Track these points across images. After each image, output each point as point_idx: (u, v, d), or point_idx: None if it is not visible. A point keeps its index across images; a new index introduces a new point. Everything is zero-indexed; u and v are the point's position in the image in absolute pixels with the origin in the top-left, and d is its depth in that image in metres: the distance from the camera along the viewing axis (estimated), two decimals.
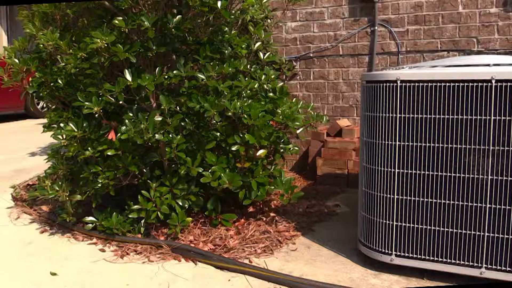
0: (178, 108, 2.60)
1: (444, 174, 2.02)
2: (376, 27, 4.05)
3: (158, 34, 2.48)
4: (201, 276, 2.27)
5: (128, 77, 2.28)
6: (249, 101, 2.68)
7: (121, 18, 2.28)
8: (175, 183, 2.65)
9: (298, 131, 3.04)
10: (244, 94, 2.72)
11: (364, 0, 4.06)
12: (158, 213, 2.59)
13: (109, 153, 2.44)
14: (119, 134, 2.34)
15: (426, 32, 3.91)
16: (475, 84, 1.93)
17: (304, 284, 2.10)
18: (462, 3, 3.78)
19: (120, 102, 2.39)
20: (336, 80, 4.26)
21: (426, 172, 2.05)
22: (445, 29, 3.85)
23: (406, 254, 2.14)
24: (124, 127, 2.31)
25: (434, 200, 2.05)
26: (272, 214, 3.02)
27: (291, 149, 3.08)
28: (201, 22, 2.62)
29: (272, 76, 3.15)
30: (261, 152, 2.69)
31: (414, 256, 2.12)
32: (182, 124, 2.54)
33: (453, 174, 2.00)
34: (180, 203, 2.66)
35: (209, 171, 2.57)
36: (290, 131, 3.03)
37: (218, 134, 2.66)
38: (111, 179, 2.50)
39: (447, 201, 2.02)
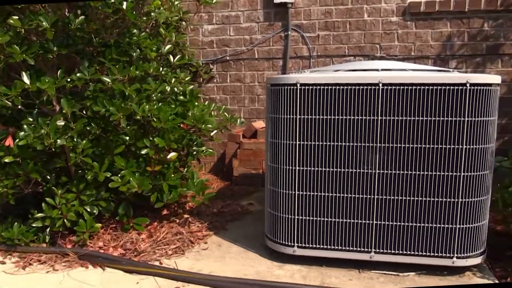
0: (84, 112, 2.55)
1: (338, 170, 2.17)
2: (289, 32, 4.22)
3: (61, 35, 2.43)
4: (109, 281, 2.25)
5: (26, 80, 2.21)
6: (159, 104, 2.69)
7: (17, 17, 2.21)
8: (83, 189, 2.60)
9: (212, 134, 3.10)
10: (155, 97, 2.73)
11: (278, 5, 4.21)
12: (65, 220, 2.52)
13: (6, 160, 2.34)
14: (17, 140, 2.25)
15: (335, 37, 4.14)
16: (365, 87, 2.10)
17: (211, 280, 2.15)
18: (367, 11, 4.04)
19: (19, 107, 2.30)
20: (252, 83, 4.37)
21: (324, 169, 2.19)
22: (352, 36, 4.09)
23: (307, 245, 2.28)
24: (22, 133, 2.23)
25: (330, 194, 2.19)
26: (186, 216, 3.05)
27: (205, 151, 3.13)
28: (108, 24, 2.60)
29: (186, 79, 3.19)
30: (172, 155, 2.71)
31: (314, 246, 2.26)
32: (88, 128, 2.50)
33: (346, 170, 2.16)
34: (89, 210, 2.61)
35: (119, 175, 2.55)
36: (204, 134, 3.08)
37: (127, 138, 2.65)
38: (10, 187, 2.40)
39: (342, 194, 2.18)
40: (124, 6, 2.39)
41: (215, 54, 4.44)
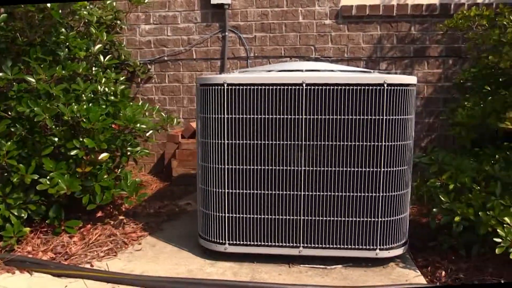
0: (9, 112, 2.47)
1: (266, 167, 2.23)
2: (226, 33, 4.25)
3: None
4: (37, 286, 2.19)
5: None
6: (89, 104, 2.65)
7: None
8: (9, 193, 2.51)
9: (147, 134, 3.08)
10: (85, 98, 2.68)
11: (215, 6, 4.24)
12: None
13: None
14: None
15: (271, 39, 4.22)
16: (290, 87, 2.17)
17: (141, 280, 2.15)
18: (302, 14, 4.16)
19: None
20: (191, 84, 4.38)
21: (252, 167, 2.24)
22: (288, 37, 4.19)
23: (238, 242, 2.32)
24: None
25: (259, 192, 2.25)
26: (121, 217, 3.01)
27: (140, 151, 3.10)
28: (34, 22, 2.52)
29: (121, 79, 3.15)
30: (103, 155, 2.67)
31: (245, 243, 2.31)
32: (12, 129, 2.42)
33: (273, 167, 2.22)
34: (16, 213, 2.53)
35: (47, 177, 2.48)
36: (140, 134, 3.06)
37: (56, 139, 2.58)
38: None
39: (270, 192, 2.24)
40: (49, 5, 2.34)
41: (153, 54, 4.40)
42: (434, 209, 2.34)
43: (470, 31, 2.56)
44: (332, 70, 2.34)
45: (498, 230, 2.01)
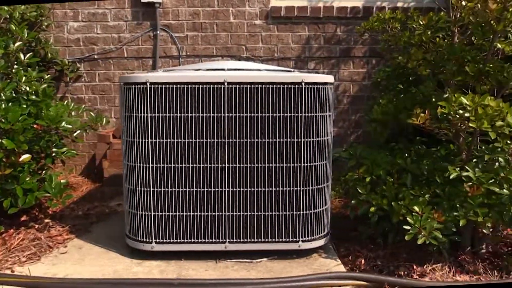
0: None
1: (191, 165, 2.26)
2: (158, 32, 4.23)
3: None
4: None
5: None
6: (9, 104, 2.55)
7: None
8: None
9: (74, 134, 3.01)
10: (4, 97, 2.58)
11: (146, 4, 4.20)
12: None
13: None
14: None
15: (203, 38, 4.24)
16: (212, 86, 2.21)
17: (63, 283, 2.11)
18: (233, 14, 4.21)
19: None
20: None
21: (176, 165, 2.26)
22: (219, 37, 4.24)
23: (165, 241, 2.34)
24: None
25: (184, 189, 2.28)
26: (46, 221, 2.93)
27: (66, 152, 3.03)
28: None
29: (46, 77, 3.05)
30: (24, 157, 2.58)
31: (172, 241, 2.33)
32: None
33: (198, 165, 2.26)
34: None
35: None
36: (67, 135, 2.98)
37: None
38: None
39: (195, 189, 2.28)
40: None
41: (82, 53, 4.29)
42: (352, 201, 2.47)
43: (384, 33, 2.73)
44: (253, 69, 2.41)
45: (408, 218, 2.16)
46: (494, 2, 1.92)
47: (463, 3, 2.06)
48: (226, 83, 2.20)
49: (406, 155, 2.58)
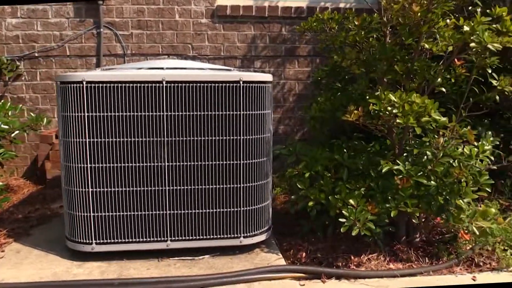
0: None
1: (130, 164, 2.26)
2: (101, 29, 4.15)
3: None
4: None
5: None
6: None
7: None
8: None
9: (12, 135, 2.92)
10: None
11: (89, 1, 4.11)
12: None
13: None
14: None
15: (149, 36, 4.20)
16: (150, 85, 2.22)
17: None
18: (179, 12, 4.20)
19: None
20: None
21: (115, 164, 2.25)
22: (165, 35, 4.21)
23: (106, 241, 2.32)
24: None
25: (124, 189, 2.27)
26: None
27: (3, 154, 2.93)
28: None
29: None
30: None
31: (113, 241, 2.32)
32: None
33: (137, 164, 2.26)
34: None
35: None
36: (4, 136, 2.89)
37: None
38: None
39: (135, 188, 2.27)
40: None
41: (22, 50, 4.14)
42: (292, 196, 2.54)
43: (323, 33, 2.82)
44: (193, 68, 2.43)
45: (343, 211, 2.25)
46: (417, 4, 2.04)
47: (391, 5, 2.17)
48: (164, 82, 2.21)
49: (345, 150, 2.68)
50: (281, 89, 4.37)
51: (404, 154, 2.42)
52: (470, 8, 3.22)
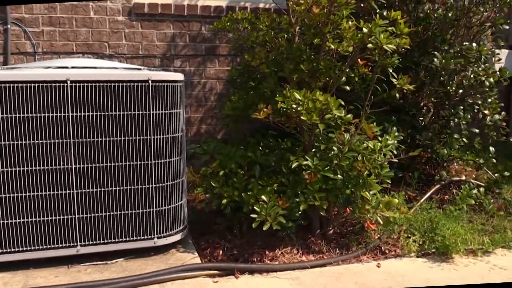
0: None
1: (35, 168, 2.16)
2: (9, 26, 3.91)
3: None
4: None
5: None
6: None
7: None
8: None
9: None
10: None
11: None
12: None
13: None
14: None
15: (61, 34, 4.03)
16: (53, 84, 2.13)
17: None
18: (93, 9, 4.06)
19: None
20: None
21: (18, 169, 2.14)
22: (79, 33, 4.05)
23: (11, 250, 2.20)
24: None
25: (28, 194, 2.17)
26: None
27: None
28: None
29: None
30: None
31: (17, 250, 2.20)
32: None
33: (42, 167, 2.16)
34: None
35: None
36: None
37: None
38: None
39: (40, 193, 2.18)
40: None
41: None
42: (207, 195, 2.56)
43: (236, 33, 2.85)
44: (101, 67, 2.37)
45: (255, 207, 2.30)
46: (317, 7, 2.13)
47: (295, 7, 2.25)
48: (69, 82, 2.13)
49: (260, 148, 2.74)
50: (202, 89, 4.36)
51: (313, 150, 2.52)
52: (378, 11, 3.40)
